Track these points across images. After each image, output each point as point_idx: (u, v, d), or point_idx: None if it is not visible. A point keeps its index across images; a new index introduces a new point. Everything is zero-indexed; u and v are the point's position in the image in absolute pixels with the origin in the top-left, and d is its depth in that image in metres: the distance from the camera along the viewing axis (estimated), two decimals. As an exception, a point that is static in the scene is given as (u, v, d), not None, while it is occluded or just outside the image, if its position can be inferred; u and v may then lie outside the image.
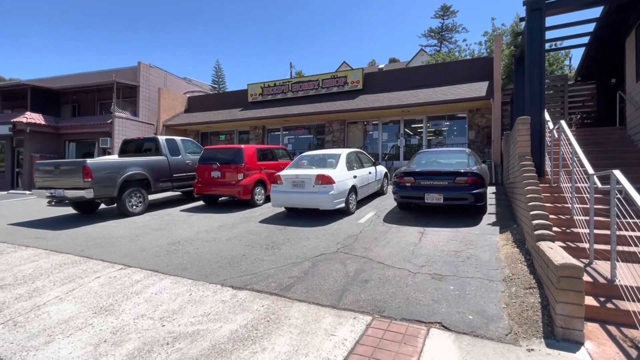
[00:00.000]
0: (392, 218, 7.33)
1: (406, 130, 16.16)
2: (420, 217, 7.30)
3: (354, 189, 7.96)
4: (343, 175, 7.66)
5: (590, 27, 8.96)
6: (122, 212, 8.49)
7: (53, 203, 8.51)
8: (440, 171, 7.06)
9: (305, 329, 3.24)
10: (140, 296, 4.07)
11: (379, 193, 10.23)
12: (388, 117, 16.19)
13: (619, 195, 3.41)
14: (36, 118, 18.52)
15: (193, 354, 2.91)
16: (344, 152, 8.35)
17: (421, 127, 15.81)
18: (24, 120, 17.73)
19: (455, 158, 7.95)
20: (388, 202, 9.10)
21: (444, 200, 6.77)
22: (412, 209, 7.99)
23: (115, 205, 8.77)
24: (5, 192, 17.15)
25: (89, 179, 7.67)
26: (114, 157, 10.83)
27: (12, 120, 17.77)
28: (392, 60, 49.61)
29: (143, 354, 2.94)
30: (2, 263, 5.34)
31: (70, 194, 7.81)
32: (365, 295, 3.84)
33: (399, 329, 3.18)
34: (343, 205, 7.52)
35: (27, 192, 16.33)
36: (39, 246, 6.16)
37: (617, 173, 3.44)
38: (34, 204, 11.76)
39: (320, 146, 17.43)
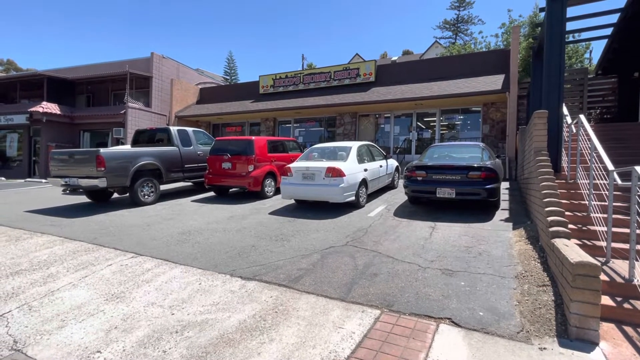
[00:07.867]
0: (402, 212, 7.27)
1: (419, 123, 15.95)
2: (431, 211, 7.22)
3: (364, 182, 7.90)
4: (353, 168, 7.60)
5: (614, 18, 8.63)
6: (134, 202, 8.61)
7: (68, 191, 8.68)
8: (452, 165, 6.94)
9: (313, 321, 3.23)
10: (151, 284, 4.12)
11: (390, 187, 10.14)
12: (400, 110, 15.98)
13: (640, 193, 3.29)
14: (52, 108, 18.88)
15: (201, 342, 2.94)
16: (354, 145, 8.27)
17: (434, 121, 15.57)
18: (41, 109, 18.09)
19: (468, 152, 7.80)
20: (399, 196, 9.01)
21: (456, 195, 6.66)
22: (423, 204, 7.89)
23: (127, 194, 8.89)
24: (22, 180, 17.60)
25: (102, 168, 7.78)
26: (126, 147, 10.98)
27: (29, 110, 18.17)
28: (406, 53, 48.88)
29: (152, 341, 2.98)
30: (18, 249, 5.47)
31: (84, 182, 7.94)
32: (374, 289, 3.81)
33: (408, 323, 3.14)
34: (353, 198, 7.48)
35: (43, 180, 16.70)
36: (54, 233, 6.28)
37: (639, 169, 3.32)
38: (50, 192, 12.03)
39: (331, 139, 17.34)
